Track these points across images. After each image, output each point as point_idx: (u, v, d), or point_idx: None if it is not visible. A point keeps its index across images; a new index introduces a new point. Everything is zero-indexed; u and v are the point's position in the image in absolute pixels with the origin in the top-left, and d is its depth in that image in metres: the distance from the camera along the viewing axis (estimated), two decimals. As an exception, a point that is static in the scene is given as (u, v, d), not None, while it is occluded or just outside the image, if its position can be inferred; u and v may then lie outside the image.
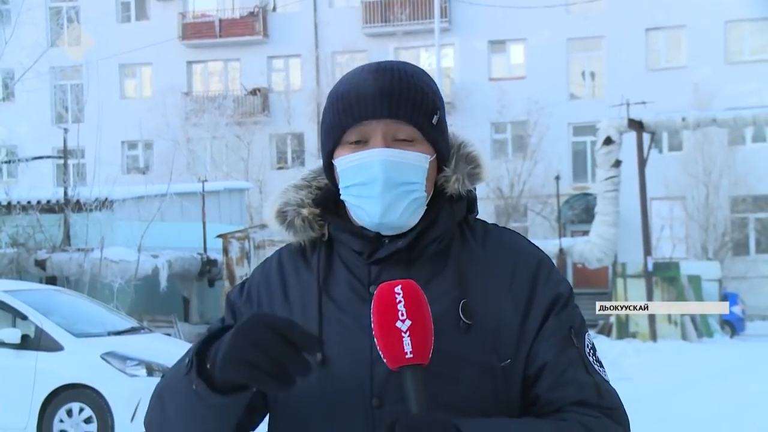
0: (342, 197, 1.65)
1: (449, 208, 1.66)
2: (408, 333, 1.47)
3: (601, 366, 1.66)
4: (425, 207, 1.64)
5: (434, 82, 1.68)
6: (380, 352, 1.50)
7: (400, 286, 1.50)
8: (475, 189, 1.71)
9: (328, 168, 1.68)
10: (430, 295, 1.56)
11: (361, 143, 1.61)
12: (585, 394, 1.59)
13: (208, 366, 1.48)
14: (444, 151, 1.66)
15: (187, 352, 1.57)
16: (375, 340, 1.50)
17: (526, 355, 1.61)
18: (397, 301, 1.49)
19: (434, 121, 1.63)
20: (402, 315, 1.48)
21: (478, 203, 1.73)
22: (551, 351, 1.61)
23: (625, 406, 1.65)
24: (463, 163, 1.68)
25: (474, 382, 1.58)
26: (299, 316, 1.65)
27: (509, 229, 1.75)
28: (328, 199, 1.70)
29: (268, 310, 1.68)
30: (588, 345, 1.66)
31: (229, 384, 1.46)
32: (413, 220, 1.63)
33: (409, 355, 1.47)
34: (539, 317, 1.63)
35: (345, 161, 1.62)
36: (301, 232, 1.69)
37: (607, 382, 1.64)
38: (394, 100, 1.60)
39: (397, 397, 1.53)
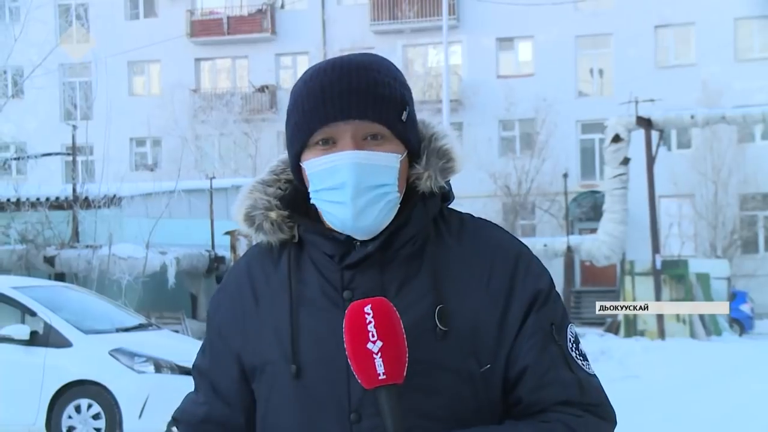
0: (312, 201, 1.60)
1: (422, 207, 1.60)
2: (380, 354, 1.44)
3: (585, 359, 1.62)
4: (398, 207, 1.59)
5: (401, 73, 1.63)
6: (354, 374, 1.47)
7: (369, 306, 1.46)
8: (449, 183, 1.65)
9: (296, 169, 1.62)
10: (405, 300, 1.54)
11: (330, 144, 1.56)
12: (568, 393, 1.55)
13: None
14: (415, 145, 1.60)
15: None
16: (348, 360, 1.47)
17: (506, 357, 1.57)
18: (367, 321, 1.45)
19: (403, 117, 1.58)
20: (372, 336, 1.45)
21: (484, 200, 1.70)
22: (532, 352, 1.56)
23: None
24: (434, 158, 1.61)
25: (453, 390, 1.54)
26: (270, 322, 1.61)
27: (486, 221, 1.68)
28: (296, 199, 1.65)
29: (242, 323, 1.65)
30: (570, 339, 1.61)
31: None
32: (386, 221, 1.57)
33: (382, 377, 1.44)
34: (519, 316, 1.58)
35: (313, 165, 1.56)
36: (271, 234, 1.64)
37: (592, 375, 1.60)
38: (361, 100, 1.54)
39: (375, 411, 1.50)
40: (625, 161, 21.11)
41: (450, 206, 1.68)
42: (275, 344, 1.60)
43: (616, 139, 21.09)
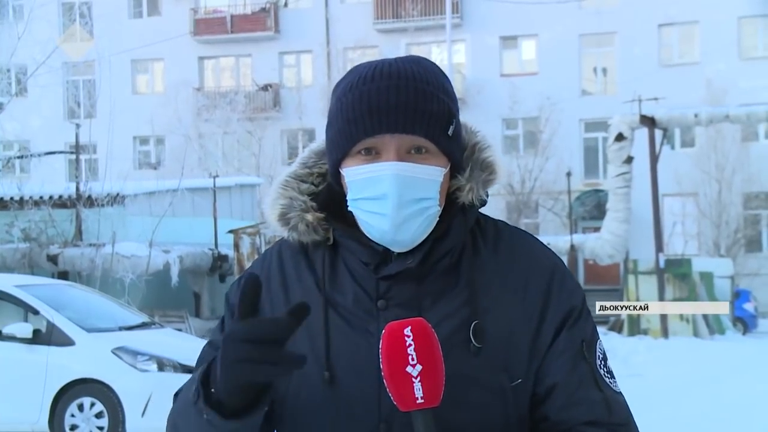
0: (350, 208, 1.56)
1: (462, 218, 1.57)
2: (419, 378, 1.41)
3: (612, 377, 1.61)
4: (437, 220, 1.56)
5: (448, 81, 1.59)
6: (390, 395, 1.43)
7: (409, 328, 1.42)
8: (488, 194, 1.63)
9: (335, 174, 1.58)
10: (440, 313, 1.52)
11: (372, 154, 1.53)
12: (596, 414, 1.54)
13: (213, 391, 1.43)
14: (458, 159, 1.58)
15: (193, 378, 1.52)
16: (384, 381, 1.43)
17: (535, 372, 1.56)
18: (407, 344, 1.41)
19: (449, 132, 1.54)
20: (412, 360, 1.41)
21: (488, 199, 1.67)
22: (562, 370, 1.55)
23: (634, 416, 1.61)
24: (478, 171, 1.59)
25: (483, 404, 1.52)
26: (302, 325, 1.59)
27: (520, 231, 1.67)
28: (332, 199, 1.61)
29: (269, 313, 1.61)
30: (599, 356, 1.60)
31: (238, 406, 1.41)
32: (425, 235, 1.55)
33: (420, 401, 1.41)
34: (551, 333, 1.56)
35: (354, 173, 1.53)
36: (305, 235, 1.61)
37: (618, 393, 1.59)
38: (409, 113, 1.50)
39: (405, 422, 1.47)
40: (629, 160, 21.07)
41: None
42: (307, 345, 1.57)
43: (620, 137, 21.05)
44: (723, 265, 24.32)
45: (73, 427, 9.04)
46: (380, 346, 1.43)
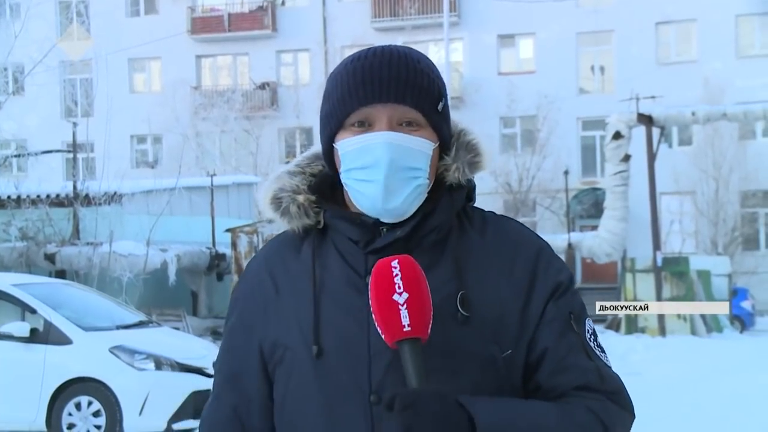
0: (342, 181, 1.61)
1: (448, 198, 1.63)
2: (405, 306, 1.47)
3: (603, 351, 1.65)
4: (426, 195, 1.61)
5: (438, 70, 1.66)
6: (378, 329, 1.49)
7: (396, 261, 1.49)
8: (473, 178, 1.69)
9: (328, 152, 1.64)
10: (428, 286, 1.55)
11: (365, 126, 1.58)
12: (587, 379, 1.57)
13: None
14: (446, 138, 1.64)
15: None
16: (373, 316, 1.49)
17: (527, 344, 1.59)
18: (394, 274, 1.48)
19: (439, 107, 1.61)
20: (399, 288, 1.47)
21: (485, 197, 1.70)
22: (551, 337, 1.59)
23: (629, 392, 1.63)
24: (463, 151, 1.65)
25: (475, 374, 1.56)
26: (291, 309, 1.63)
27: (507, 217, 1.72)
28: (323, 186, 1.67)
29: (263, 310, 1.66)
30: (588, 330, 1.64)
31: None
32: (414, 207, 1.60)
33: (407, 328, 1.46)
34: (540, 305, 1.60)
35: (348, 144, 1.58)
36: (296, 219, 1.65)
37: (609, 366, 1.62)
38: (401, 84, 1.57)
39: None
40: (626, 158, 21.07)
41: None
42: (295, 329, 1.61)
43: (617, 136, 21.05)
44: (720, 264, 24.33)
45: (71, 425, 9.04)
46: (369, 282, 1.50)
